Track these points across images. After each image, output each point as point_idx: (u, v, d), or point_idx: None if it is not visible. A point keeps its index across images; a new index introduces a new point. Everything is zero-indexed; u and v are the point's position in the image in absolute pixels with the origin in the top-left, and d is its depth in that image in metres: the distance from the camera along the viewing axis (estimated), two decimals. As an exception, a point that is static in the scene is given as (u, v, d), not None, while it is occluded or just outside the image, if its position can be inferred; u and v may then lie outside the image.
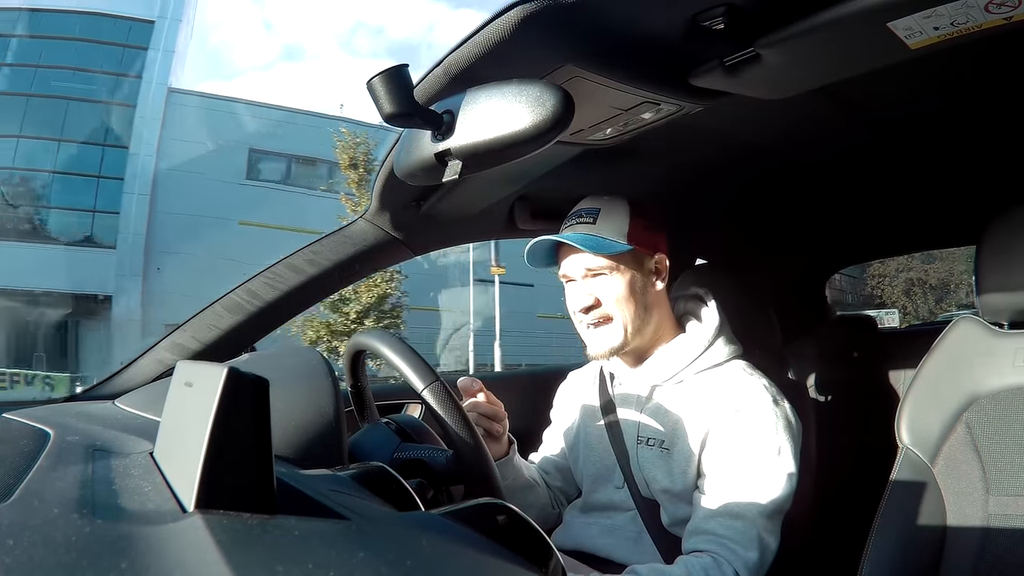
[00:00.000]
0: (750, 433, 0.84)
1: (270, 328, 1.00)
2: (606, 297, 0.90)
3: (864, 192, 1.27)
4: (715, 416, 0.86)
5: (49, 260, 12.29)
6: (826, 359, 1.65)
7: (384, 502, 0.44)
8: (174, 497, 0.33)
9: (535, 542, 0.39)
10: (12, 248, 12.08)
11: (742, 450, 0.84)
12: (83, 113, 13.20)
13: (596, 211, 0.91)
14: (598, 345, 0.91)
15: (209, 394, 0.31)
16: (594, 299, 0.90)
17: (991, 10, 0.52)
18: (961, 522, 0.80)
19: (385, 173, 0.84)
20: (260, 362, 0.70)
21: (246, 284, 0.97)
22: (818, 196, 1.29)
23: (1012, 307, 0.83)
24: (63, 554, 0.25)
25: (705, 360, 0.92)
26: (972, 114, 0.92)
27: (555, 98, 0.48)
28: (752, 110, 0.73)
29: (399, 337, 0.69)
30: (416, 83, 0.61)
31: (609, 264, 0.89)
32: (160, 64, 13.77)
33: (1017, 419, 0.79)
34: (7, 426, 0.58)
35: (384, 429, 0.72)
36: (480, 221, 1.07)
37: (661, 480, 0.89)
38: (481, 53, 0.56)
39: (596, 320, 0.90)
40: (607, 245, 0.88)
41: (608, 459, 0.94)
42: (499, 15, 0.53)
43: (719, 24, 0.55)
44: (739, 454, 0.84)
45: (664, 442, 0.89)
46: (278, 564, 0.24)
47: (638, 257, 0.91)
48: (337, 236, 0.99)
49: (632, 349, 0.93)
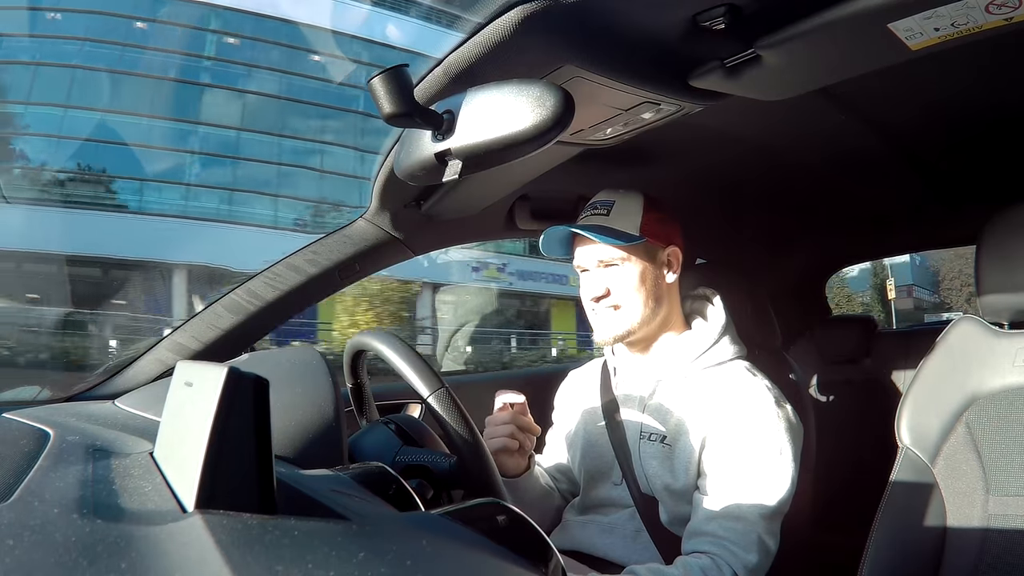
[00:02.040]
0: (752, 434, 0.84)
1: (270, 328, 1.00)
2: (617, 287, 0.91)
3: (864, 192, 1.27)
4: (718, 415, 0.87)
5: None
6: (826, 359, 1.65)
7: (384, 502, 0.44)
8: (174, 497, 0.33)
9: (535, 542, 0.39)
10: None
11: (743, 451, 0.84)
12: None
13: (611, 203, 0.93)
14: (604, 331, 0.93)
15: (209, 394, 0.31)
16: (605, 289, 0.92)
17: (991, 11, 0.52)
18: (961, 522, 0.80)
19: (385, 173, 0.84)
20: (260, 362, 0.70)
21: (246, 284, 0.97)
22: (818, 196, 1.29)
23: (1012, 307, 0.83)
24: (63, 554, 0.25)
25: (710, 357, 0.93)
26: (972, 114, 0.92)
27: (555, 98, 0.48)
28: (752, 111, 0.73)
29: (402, 339, 0.69)
30: (416, 83, 0.61)
31: (621, 255, 0.91)
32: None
33: (1017, 419, 0.79)
34: (7, 426, 0.58)
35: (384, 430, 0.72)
36: (480, 221, 1.07)
37: (663, 476, 0.89)
38: (481, 53, 0.56)
39: (606, 308, 0.92)
40: (620, 236, 0.89)
41: (607, 455, 0.95)
42: (499, 15, 0.53)
43: (719, 25, 0.55)
44: (740, 455, 0.84)
45: (666, 438, 0.90)
46: (278, 564, 0.24)
47: (650, 249, 0.92)
48: (337, 236, 0.99)
49: (639, 339, 0.95)
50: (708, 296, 1.01)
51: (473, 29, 0.55)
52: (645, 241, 0.91)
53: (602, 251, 0.91)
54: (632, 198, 0.93)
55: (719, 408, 0.87)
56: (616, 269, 0.91)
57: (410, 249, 1.05)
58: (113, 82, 13.18)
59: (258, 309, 0.96)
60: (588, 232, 0.89)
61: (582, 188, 0.98)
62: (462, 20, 0.57)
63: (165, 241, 12.27)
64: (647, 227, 0.91)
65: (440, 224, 1.03)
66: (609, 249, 0.91)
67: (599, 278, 0.92)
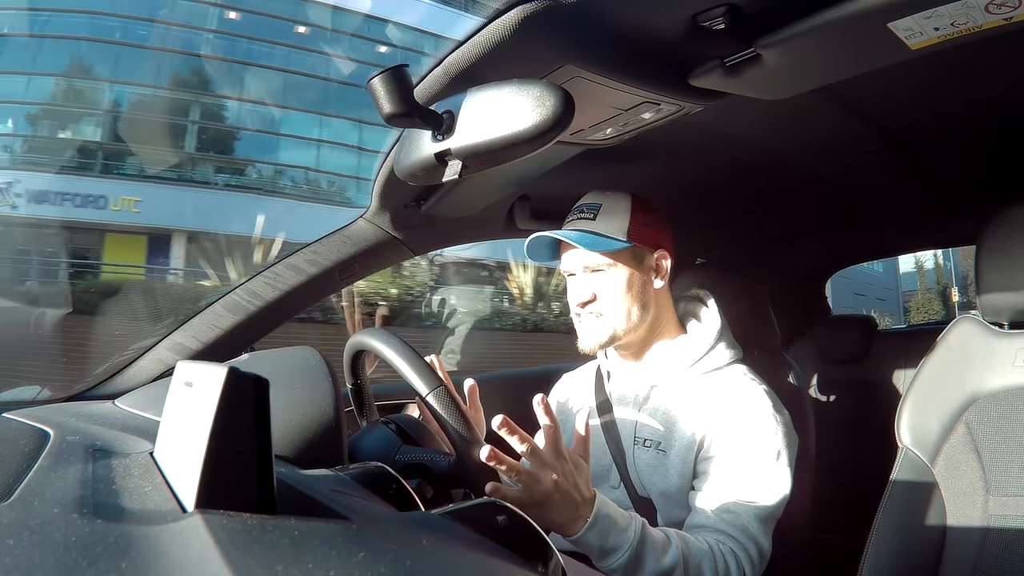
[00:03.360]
0: (749, 437, 0.84)
1: (270, 328, 1.00)
2: (602, 293, 0.90)
3: (864, 192, 1.27)
4: (714, 419, 0.86)
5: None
6: (826, 359, 1.65)
7: (384, 502, 0.44)
8: (174, 497, 0.33)
9: (535, 542, 0.39)
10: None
11: (741, 454, 0.83)
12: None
13: (597, 207, 0.91)
14: (588, 339, 0.92)
15: (209, 394, 0.31)
16: (591, 294, 0.91)
17: (991, 10, 0.52)
18: (961, 522, 0.80)
19: (385, 173, 0.84)
20: (260, 362, 0.70)
21: (246, 284, 0.97)
22: (818, 196, 1.29)
23: (1012, 307, 0.83)
24: (63, 554, 0.25)
25: (706, 364, 0.92)
26: (972, 114, 0.92)
27: (555, 98, 0.48)
28: (752, 110, 0.73)
29: (400, 338, 0.69)
30: (416, 83, 0.61)
31: (607, 261, 0.90)
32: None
33: (1017, 419, 0.79)
34: (7, 426, 0.58)
35: (384, 430, 0.72)
36: (480, 221, 1.07)
37: (657, 482, 0.88)
38: (481, 53, 0.56)
39: (590, 314, 0.91)
40: (604, 243, 0.88)
41: (604, 459, 0.94)
42: (499, 15, 0.52)
43: (719, 24, 0.55)
44: (738, 457, 0.83)
45: (660, 443, 0.89)
46: (278, 564, 0.24)
47: (637, 254, 0.91)
48: (337, 236, 0.99)
49: (627, 344, 0.93)
50: (702, 298, 1.00)
51: (473, 29, 0.55)
52: (633, 246, 0.90)
53: (587, 257, 0.90)
54: (620, 200, 0.92)
55: (716, 413, 0.86)
56: (602, 275, 0.90)
57: (410, 249, 1.05)
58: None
59: (258, 309, 0.96)
60: (573, 238, 0.88)
61: (582, 188, 0.98)
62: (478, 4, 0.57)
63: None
64: (634, 231, 0.90)
65: (440, 224, 1.03)
66: (594, 255, 0.89)
67: (585, 283, 0.91)
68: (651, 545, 0.71)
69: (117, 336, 5.62)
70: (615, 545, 0.69)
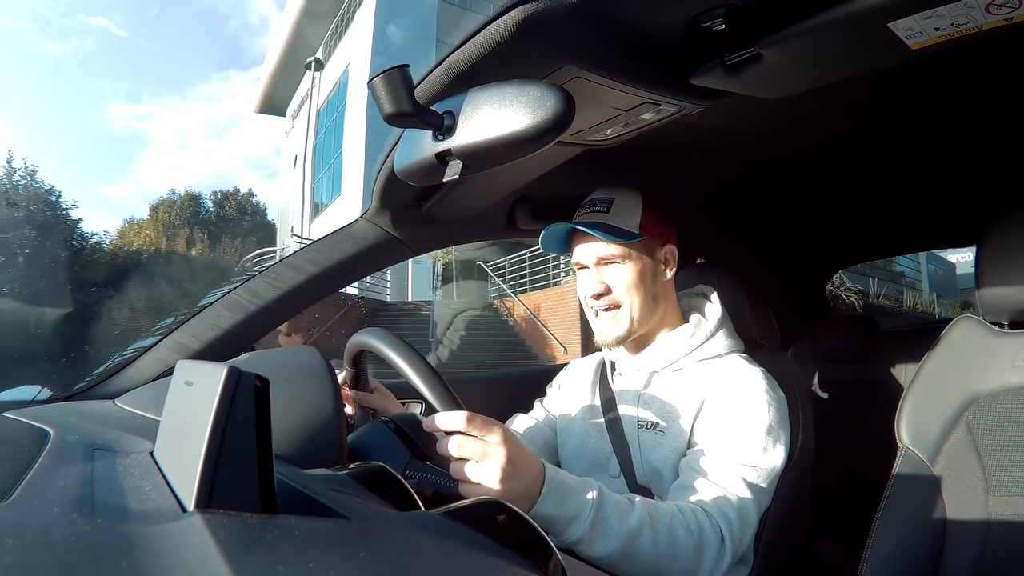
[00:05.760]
0: (740, 409, 0.84)
1: (270, 328, 1.00)
2: (616, 285, 0.91)
3: (865, 192, 1.27)
4: (710, 396, 0.87)
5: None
6: (826, 359, 1.65)
7: (384, 502, 0.44)
8: (174, 497, 0.33)
9: (535, 542, 0.39)
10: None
11: (730, 424, 0.83)
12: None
13: (610, 200, 0.93)
14: (607, 334, 0.93)
15: (209, 393, 0.31)
16: (605, 286, 0.92)
17: (991, 11, 0.52)
18: (961, 522, 0.80)
19: (385, 173, 0.84)
20: (260, 362, 0.70)
21: (247, 283, 0.97)
22: (819, 196, 1.29)
23: (1012, 307, 0.83)
24: (63, 554, 0.25)
25: (705, 351, 0.93)
26: (973, 114, 0.92)
27: (556, 98, 0.48)
28: (753, 110, 0.73)
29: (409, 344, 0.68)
30: (417, 83, 0.61)
31: (621, 252, 0.91)
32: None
33: (1017, 419, 0.79)
34: (7, 426, 0.58)
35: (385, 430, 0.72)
36: (480, 221, 1.07)
37: (658, 463, 0.88)
38: (482, 53, 0.56)
39: (605, 306, 0.92)
40: (619, 234, 0.89)
41: (604, 448, 0.95)
42: (500, 15, 0.52)
43: (720, 25, 0.55)
44: (727, 427, 0.83)
45: (659, 424, 0.90)
46: (278, 564, 0.24)
47: (649, 247, 0.93)
48: (337, 235, 0.99)
49: (637, 337, 0.95)
50: (706, 293, 1.01)
51: (473, 29, 0.55)
52: (644, 239, 0.91)
53: (601, 248, 0.91)
54: (631, 195, 0.93)
55: (712, 390, 0.87)
56: (615, 266, 0.91)
57: (410, 249, 1.05)
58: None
59: (258, 308, 0.96)
60: (589, 229, 0.89)
61: (582, 188, 0.98)
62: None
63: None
64: (646, 225, 0.91)
65: (440, 224, 1.03)
66: (608, 246, 0.90)
67: (598, 275, 0.92)
68: (612, 507, 0.68)
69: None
70: (575, 512, 0.65)
